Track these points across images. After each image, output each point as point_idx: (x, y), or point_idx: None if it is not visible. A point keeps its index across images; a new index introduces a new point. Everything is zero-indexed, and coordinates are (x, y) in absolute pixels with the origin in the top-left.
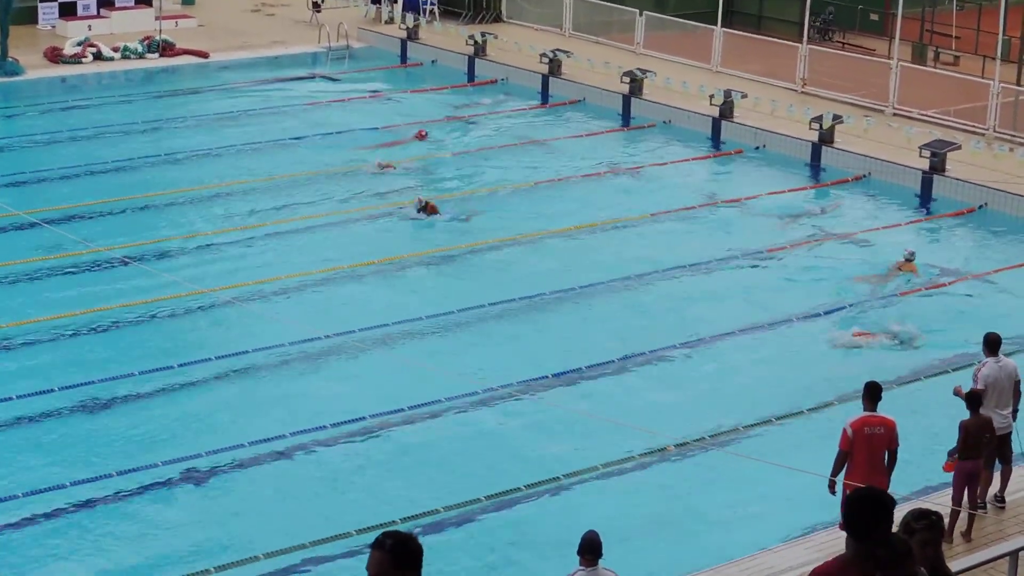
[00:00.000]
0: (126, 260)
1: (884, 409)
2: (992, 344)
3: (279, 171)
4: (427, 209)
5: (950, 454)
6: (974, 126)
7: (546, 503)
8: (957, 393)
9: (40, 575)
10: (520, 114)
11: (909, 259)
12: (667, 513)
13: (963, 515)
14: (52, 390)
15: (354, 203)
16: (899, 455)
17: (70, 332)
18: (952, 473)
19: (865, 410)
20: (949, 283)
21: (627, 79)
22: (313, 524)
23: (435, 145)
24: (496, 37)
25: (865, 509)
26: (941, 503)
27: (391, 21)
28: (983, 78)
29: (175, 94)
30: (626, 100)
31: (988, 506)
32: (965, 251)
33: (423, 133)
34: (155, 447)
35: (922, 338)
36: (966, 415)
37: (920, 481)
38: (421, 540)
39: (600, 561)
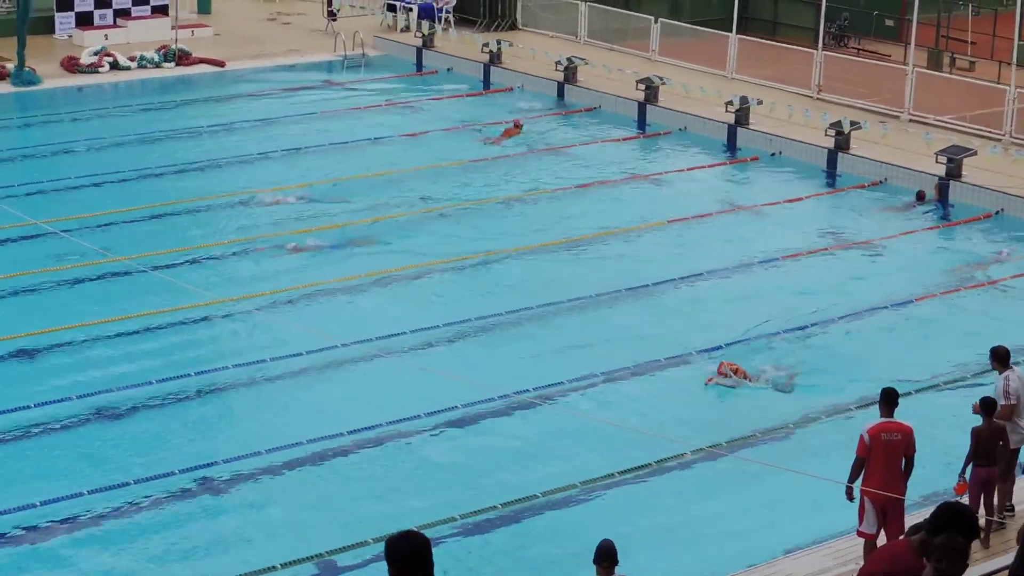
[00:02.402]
0: (143, 269)
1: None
2: (1004, 357)
3: (296, 179)
4: None
5: (961, 475)
6: (990, 132)
7: (563, 510)
8: (977, 411)
9: None
10: (536, 121)
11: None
12: (685, 520)
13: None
14: (70, 398)
15: (371, 212)
16: (916, 461)
17: (87, 341)
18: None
19: (882, 416)
20: (964, 288)
21: (642, 86)
22: (330, 533)
23: (451, 153)
24: (511, 44)
25: (957, 520)
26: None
27: (407, 29)
28: (999, 83)
29: (191, 103)
30: (641, 107)
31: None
32: (982, 257)
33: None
34: (172, 455)
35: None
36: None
37: (938, 487)
38: (438, 546)
39: (617, 568)
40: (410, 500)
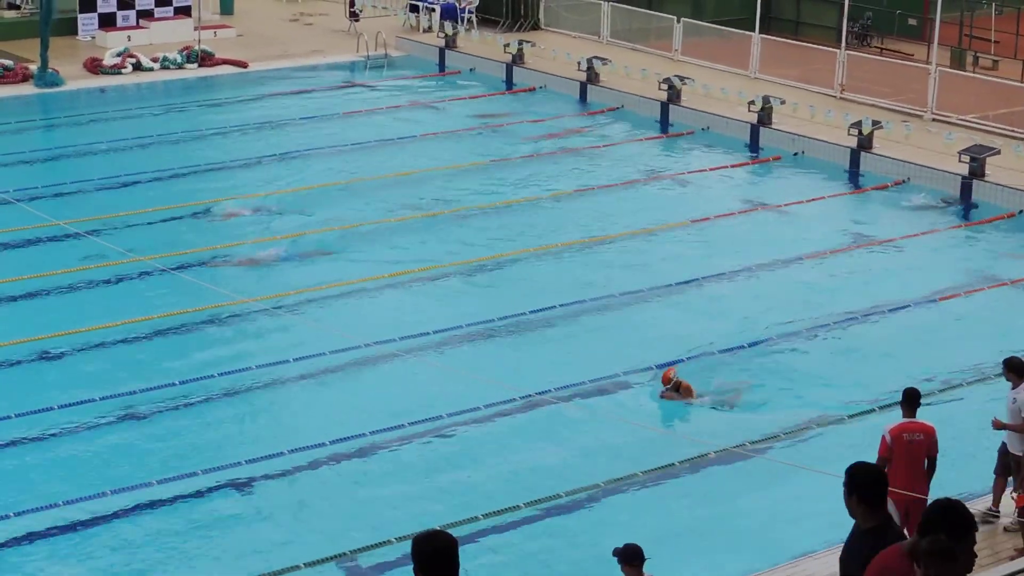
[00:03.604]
0: (167, 270)
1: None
2: (1021, 369)
3: (318, 180)
4: None
5: (1018, 487)
6: (1013, 131)
7: (586, 510)
8: (999, 426)
9: None
10: (558, 122)
11: None
12: (708, 520)
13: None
14: (93, 399)
15: (394, 212)
16: (938, 462)
17: (111, 342)
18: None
19: (904, 416)
20: (988, 288)
21: (665, 86)
22: (353, 532)
23: (474, 153)
24: (534, 45)
25: (943, 519)
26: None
27: (429, 30)
28: (1022, 82)
29: (214, 104)
30: (664, 107)
31: None
32: (1004, 256)
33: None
34: (195, 456)
35: (739, 397)
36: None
37: (961, 488)
38: (460, 545)
39: (644, 567)
40: (432, 500)
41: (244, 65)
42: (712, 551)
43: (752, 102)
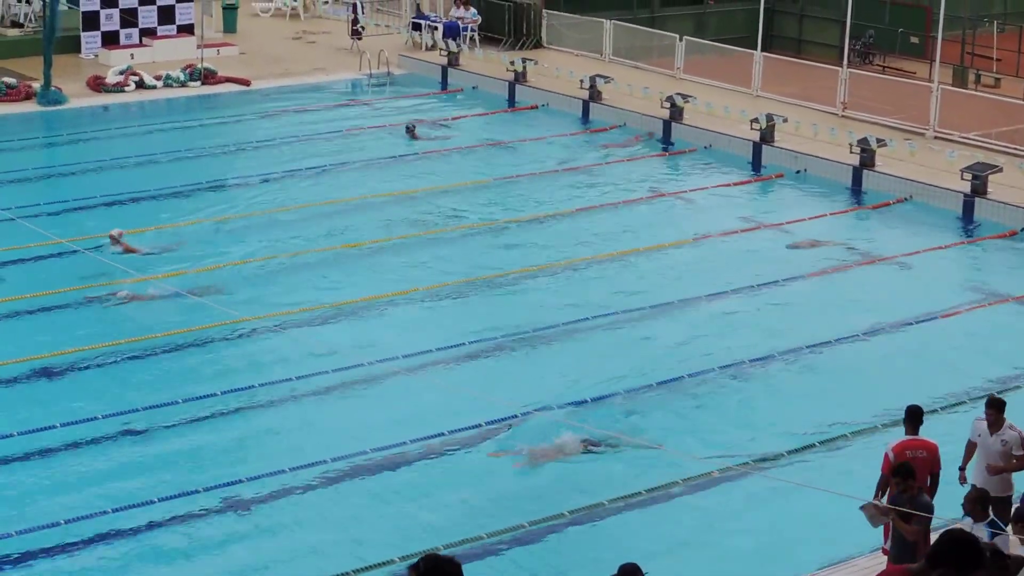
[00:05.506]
0: (169, 288)
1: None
2: (1003, 406)
3: (322, 197)
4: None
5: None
6: (1016, 148)
7: (589, 528)
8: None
9: None
10: (561, 139)
11: None
12: (711, 538)
13: None
14: (95, 418)
15: (397, 229)
16: (941, 479)
17: (113, 360)
18: None
19: (907, 434)
20: (990, 304)
21: (667, 104)
22: (354, 552)
23: (477, 171)
24: (536, 63)
25: (951, 552)
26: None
27: (432, 47)
28: None
29: (217, 122)
30: (667, 125)
31: None
32: (1007, 274)
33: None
34: (196, 474)
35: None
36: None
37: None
38: (463, 568)
39: None
40: (436, 519)
41: (247, 83)
42: (715, 570)
43: (754, 120)
